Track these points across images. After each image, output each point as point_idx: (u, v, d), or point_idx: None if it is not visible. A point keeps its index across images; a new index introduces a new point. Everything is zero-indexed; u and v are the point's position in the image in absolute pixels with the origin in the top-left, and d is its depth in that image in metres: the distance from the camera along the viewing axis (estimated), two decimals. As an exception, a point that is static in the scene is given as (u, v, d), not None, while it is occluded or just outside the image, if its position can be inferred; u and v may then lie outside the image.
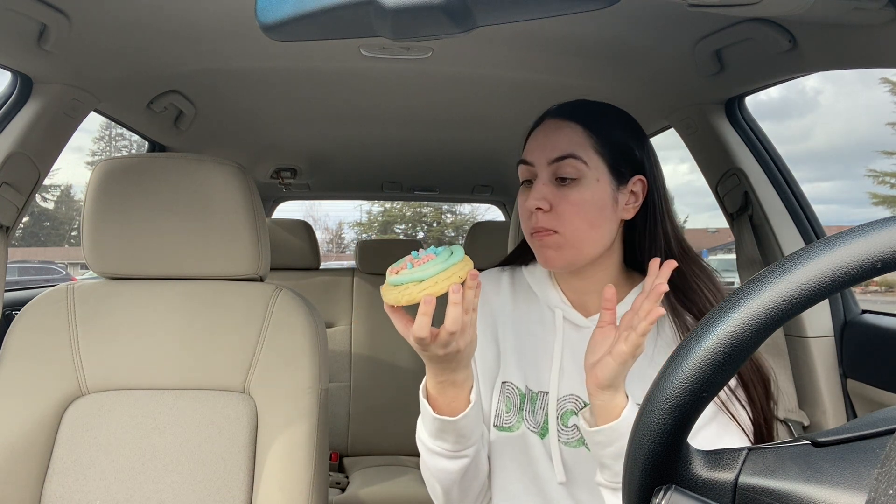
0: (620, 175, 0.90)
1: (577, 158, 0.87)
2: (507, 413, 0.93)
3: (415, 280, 0.72)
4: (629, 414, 0.75)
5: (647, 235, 0.92)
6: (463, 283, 0.73)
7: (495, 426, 0.94)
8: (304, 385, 1.12)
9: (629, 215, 0.91)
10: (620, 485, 0.76)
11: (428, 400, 0.84)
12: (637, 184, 0.91)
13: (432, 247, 0.77)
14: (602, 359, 0.76)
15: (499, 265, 1.09)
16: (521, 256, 1.05)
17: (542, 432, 0.91)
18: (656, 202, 0.92)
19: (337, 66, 1.40)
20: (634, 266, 0.97)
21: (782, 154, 1.44)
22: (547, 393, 0.91)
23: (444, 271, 0.72)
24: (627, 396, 0.77)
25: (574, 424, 0.89)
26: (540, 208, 0.87)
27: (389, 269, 0.77)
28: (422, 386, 0.85)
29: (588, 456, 0.86)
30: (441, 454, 0.86)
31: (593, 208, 0.87)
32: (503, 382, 0.95)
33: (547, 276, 0.99)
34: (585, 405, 0.89)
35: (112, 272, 1.18)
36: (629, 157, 0.91)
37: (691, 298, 0.89)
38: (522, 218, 0.93)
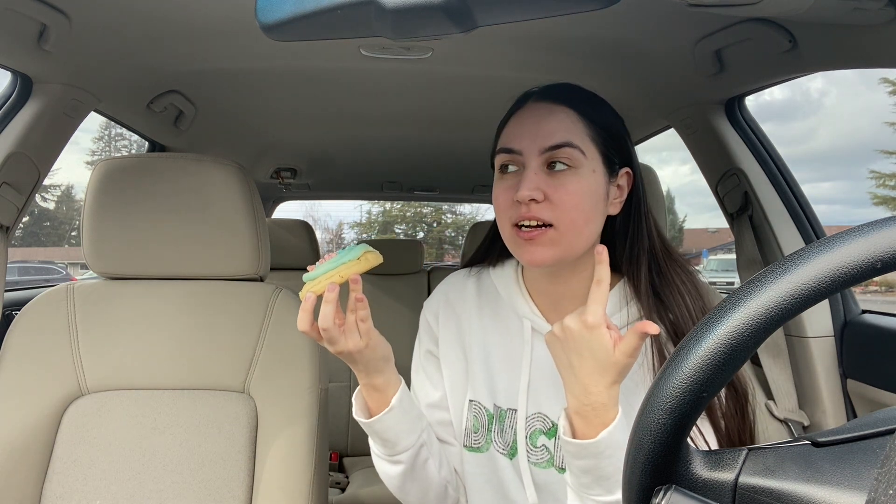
0: (612, 166, 0.82)
1: (575, 147, 0.78)
2: (476, 433, 0.89)
3: (308, 279, 0.79)
4: (620, 420, 0.69)
5: (631, 233, 0.84)
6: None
7: (465, 447, 0.90)
8: (304, 385, 1.12)
9: (616, 210, 0.84)
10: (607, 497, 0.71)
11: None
12: (623, 177, 0.84)
13: (351, 245, 0.83)
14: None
15: (465, 265, 1.01)
16: (488, 254, 0.97)
17: (511, 453, 0.86)
18: (641, 197, 0.85)
19: (337, 66, 1.40)
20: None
21: (785, 155, 1.44)
22: (516, 410, 0.86)
23: (330, 272, 0.78)
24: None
25: (543, 445, 0.84)
26: (534, 199, 0.77)
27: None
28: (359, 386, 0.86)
29: (559, 477, 0.83)
30: (378, 455, 0.86)
31: (590, 200, 0.79)
32: (470, 401, 0.90)
33: (514, 282, 0.91)
34: (553, 425, 0.83)
35: (112, 272, 1.18)
36: (620, 148, 0.84)
37: (669, 301, 0.81)
38: (503, 208, 0.82)
